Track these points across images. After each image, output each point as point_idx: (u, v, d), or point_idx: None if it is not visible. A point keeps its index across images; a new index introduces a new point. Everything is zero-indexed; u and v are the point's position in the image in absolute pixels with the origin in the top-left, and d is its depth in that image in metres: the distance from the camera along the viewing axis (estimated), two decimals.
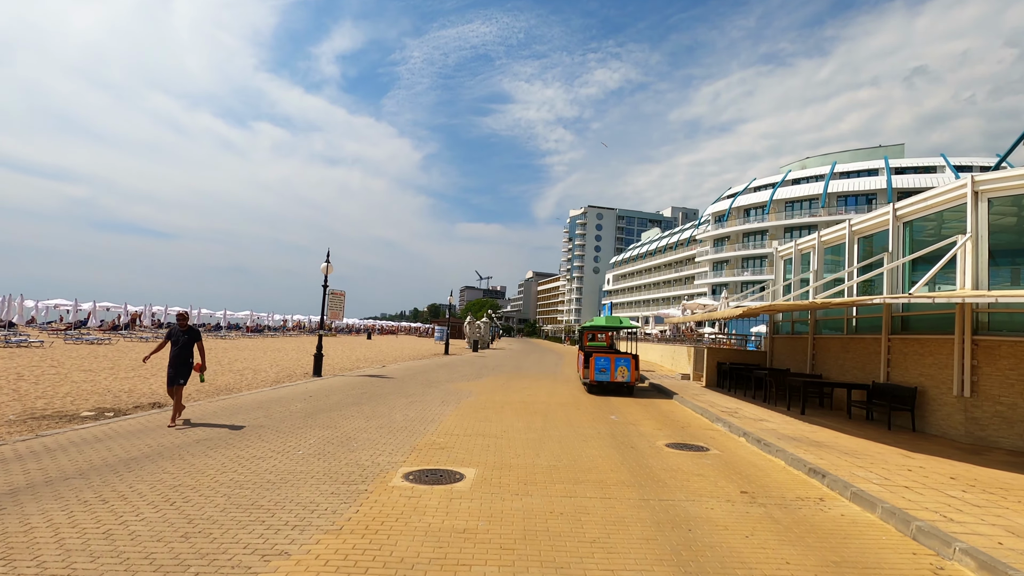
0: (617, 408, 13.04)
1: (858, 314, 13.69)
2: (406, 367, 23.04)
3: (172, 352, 9.19)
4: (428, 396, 13.69)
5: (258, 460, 6.80)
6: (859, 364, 13.08)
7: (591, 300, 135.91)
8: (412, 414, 10.80)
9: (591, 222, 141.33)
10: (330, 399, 12.41)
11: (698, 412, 12.61)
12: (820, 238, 15.53)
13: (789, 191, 65.35)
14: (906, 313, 11.84)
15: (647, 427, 10.48)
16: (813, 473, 6.95)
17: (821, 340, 14.92)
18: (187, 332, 9.35)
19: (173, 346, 9.23)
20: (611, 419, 11.31)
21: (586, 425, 10.42)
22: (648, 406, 13.66)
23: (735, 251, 69.90)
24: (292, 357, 25.93)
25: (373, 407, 11.49)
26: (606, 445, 8.61)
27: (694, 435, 9.81)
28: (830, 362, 14.38)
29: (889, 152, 63.63)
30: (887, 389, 11.41)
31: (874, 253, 13.63)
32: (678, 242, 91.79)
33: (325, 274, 18.59)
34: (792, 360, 16.56)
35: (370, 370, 20.73)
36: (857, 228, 13.74)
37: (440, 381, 17.70)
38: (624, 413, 12.26)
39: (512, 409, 12.11)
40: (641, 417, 11.75)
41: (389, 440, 8.31)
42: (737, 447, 8.86)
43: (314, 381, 16.07)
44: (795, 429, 10.15)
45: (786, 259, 18.13)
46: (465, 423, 10.06)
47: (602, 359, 15.42)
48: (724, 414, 11.70)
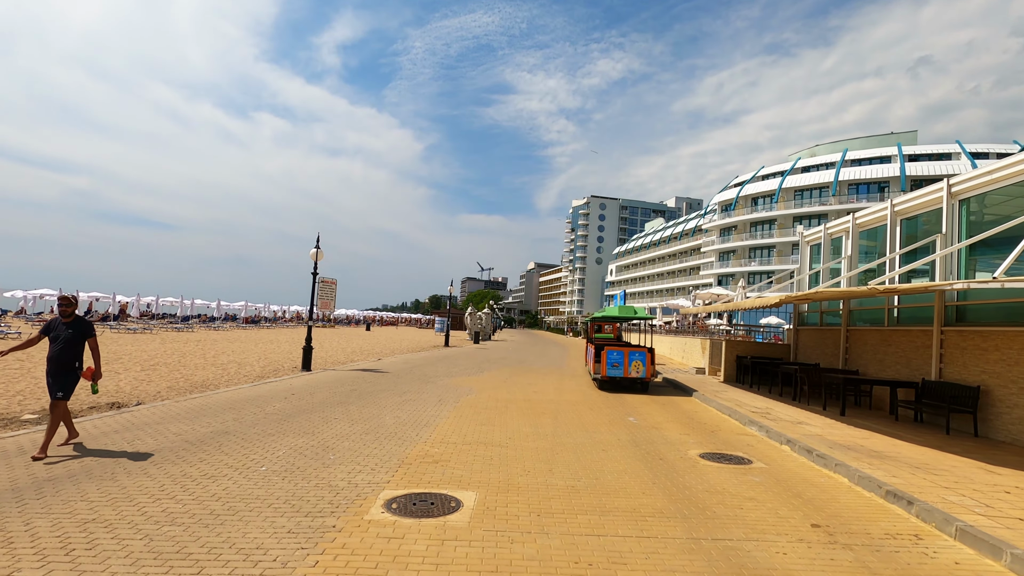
0: (634, 408, 11.73)
1: (900, 303, 12.34)
2: (403, 360, 21.76)
3: (51, 352, 6.57)
4: (424, 394, 12.40)
5: (208, 480, 5.50)
6: (903, 359, 11.73)
7: (594, 291, 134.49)
8: (404, 416, 9.50)
9: (594, 212, 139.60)
10: (314, 397, 11.11)
11: (725, 413, 11.30)
12: (855, 220, 14.14)
13: (798, 179, 63.69)
14: (963, 302, 10.47)
15: (672, 432, 9.17)
16: (893, 498, 5.63)
17: (856, 332, 13.57)
18: (72, 325, 6.68)
19: (52, 344, 6.60)
20: (629, 421, 10.01)
21: (602, 429, 9.11)
22: (667, 405, 12.35)
23: (742, 241, 68.35)
24: (284, 350, 24.66)
25: (361, 407, 10.19)
26: (630, 456, 7.30)
27: (728, 442, 8.49)
28: (867, 356, 13.04)
29: (902, 139, 61.90)
30: (942, 388, 10.07)
31: (919, 237, 12.25)
32: (683, 232, 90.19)
33: (315, 261, 17.25)
34: (821, 354, 15.23)
35: (364, 364, 19.44)
36: (901, 208, 12.34)
37: (438, 376, 16.41)
38: (642, 414, 10.96)
39: (517, 409, 10.81)
40: (662, 419, 10.45)
41: (374, 450, 7.00)
42: (784, 458, 7.54)
43: (301, 376, 14.78)
44: (842, 434, 8.83)
45: (813, 245, 16.74)
46: (464, 427, 8.76)
47: (615, 353, 14.10)
48: (756, 415, 10.39)
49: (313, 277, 17.47)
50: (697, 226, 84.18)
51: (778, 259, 63.45)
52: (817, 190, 61.87)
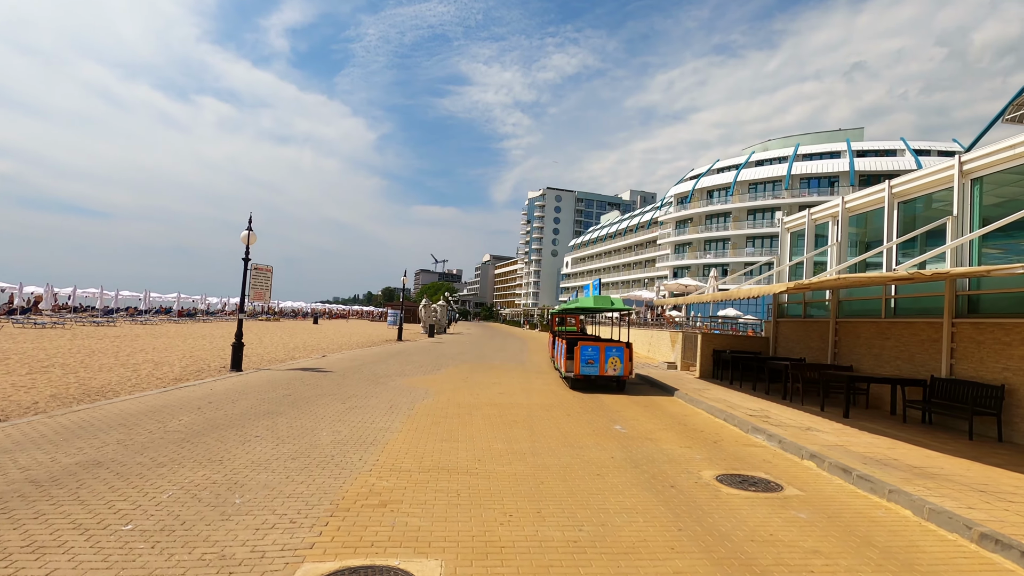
0: (616, 412, 10.28)
1: (898, 293, 11.36)
2: (351, 357, 19.70)
3: None
4: (373, 398, 10.56)
5: (29, 554, 3.60)
6: (904, 354, 10.75)
7: (549, 284, 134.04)
8: (346, 430, 7.68)
9: (550, 204, 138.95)
10: (236, 407, 9.11)
11: (719, 416, 9.99)
12: (845, 205, 13.13)
13: (752, 172, 64.40)
14: (977, 292, 9.49)
15: (670, 443, 7.73)
16: (994, 544, 4.30)
17: (848, 325, 12.58)
18: None
19: None
20: (616, 430, 8.52)
21: (588, 443, 7.58)
22: (651, 408, 10.98)
23: (698, 233, 68.76)
24: (216, 346, 22.07)
25: (293, 419, 8.29)
26: (633, 483, 5.77)
27: (740, 457, 7.11)
28: (859, 351, 12.05)
29: (850, 135, 63.45)
30: (957, 387, 9.06)
31: (918, 222, 11.28)
32: (639, 224, 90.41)
33: (247, 244, 15.00)
34: (805, 348, 14.25)
35: (306, 361, 17.31)
36: (901, 190, 11.33)
37: (390, 375, 14.54)
38: (628, 420, 9.51)
39: (484, 417, 9.16)
40: (652, 426, 9.02)
41: (301, 487, 5.20)
42: (817, 481, 6.18)
43: (227, 378, 12.62)
44: (863, 444, 7.61)
45: (795, 232, 15.76)
46: (421, 444, 7.03)
47: (589, 349, 12.63)
48: (754, 419, 9.12)
49: (245, 263, 15.21)
50: (653, 219, 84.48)
51: (733, 252, 64.10)
52: (770, 184, 62.70)
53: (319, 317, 72.01)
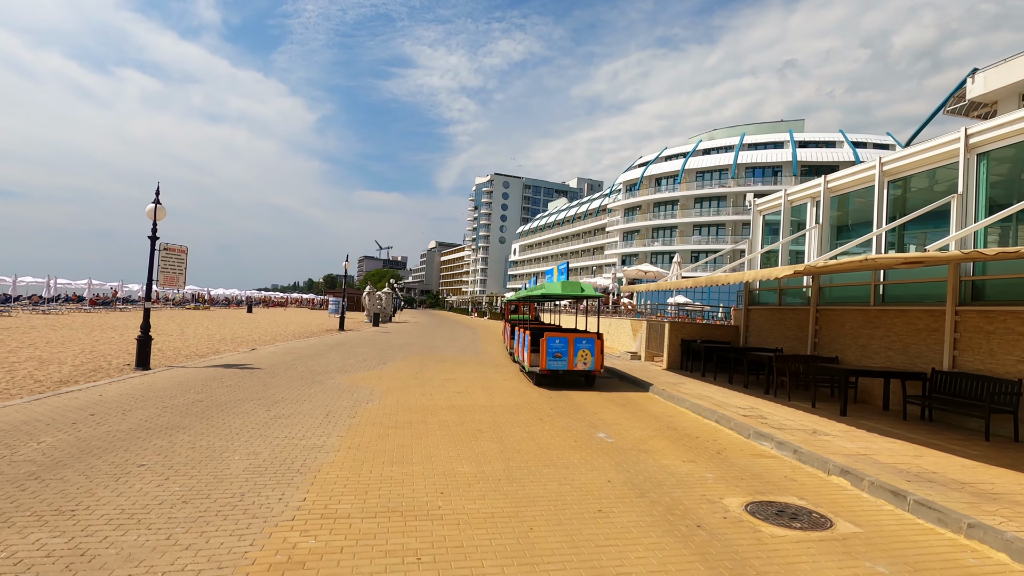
0: (592, 413, 8.96)
1: (887, 279, 10.58)
2: (286, 350, 17.59)
3: None
4: (306, 402, 8.79)
5: None
6: (897, 345, 9.96)
7: (497, 271, 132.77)
8: (267, 452, 5.96)
9: (497, 191, 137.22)
10: (126, 420, 7.16)
11: (707, 416, 8.86)
12: (827, 184, 12.28)
13: (700, 161, 65.03)
14: (982, 277, 8.72)
15: (667, 456, 6.46)
16: None
17: (830, 313, 11.77)
18: None
19: None
20: (600, 439, 7.18)
21: (573, 458, 6.19)
22: (629, 407, 9.74)
23: (647, 221, 69.02)
24: (127, 339, 19.31)
25: (199, 436, 6.47)
26: (649, 523, 4.41)
27: (755, 474, 5.90)
28: (843, 341, 11.26)
29: (792, 127, 65.03)
30: (964, 381, 8.26)
31: (908, 202, 10.51)
32: (587, 212, 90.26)
33: (154, 220, 12.68)
34: (780, 337, 13.44)
35: (232, 356, 15.14)
36: (894, 167, 10.50)
37: (329, 371, 12.69)
38: (608, 423, 8.20)
39: (441, 425, 7.61)
40: (639, 431, 7.74)
41: (186, 554, 3.53)
42: (867, 509, 5.01)
43: (126, 380, 10.47)
44: (888, 452, 6.59)
45: (768, 215, 14.91)
46: (364, 471, 5.43)
47: (557, 341, 11.27)
48: (750, 420, 8.02)
49: (151, 242, 12.88)
50: (601, 206, 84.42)
51: (680, 239, 64.69)
52: (717, 172, 63.50)
53: (254, 305, 67.84)
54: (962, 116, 31.95)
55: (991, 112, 30.32)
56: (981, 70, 29.40)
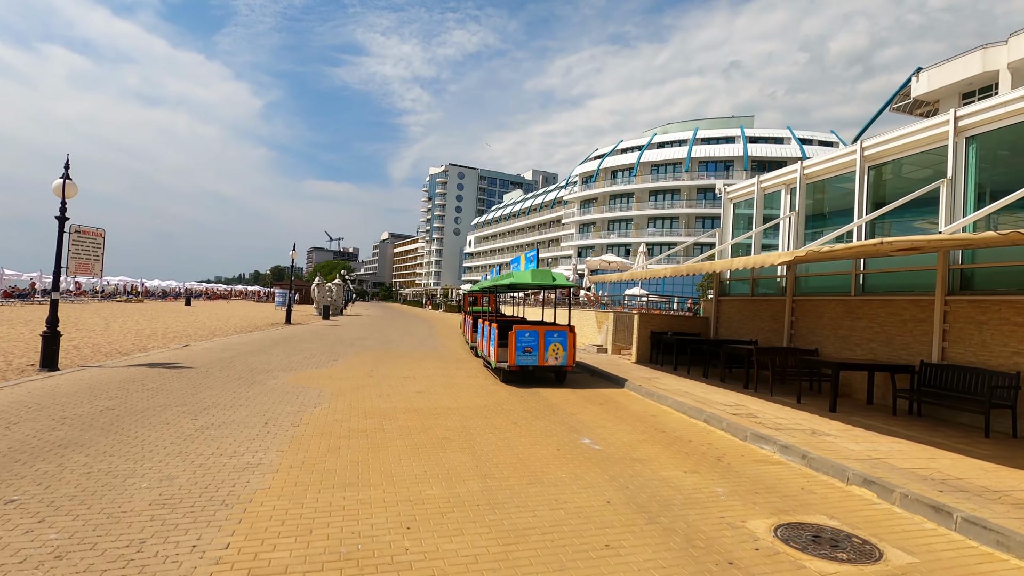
0: (570, 414, 8.11)
1: (867, 267, 10.20)
2: (224, 346, 15.99)
3: None
4: (242, 408, 7.55)
5: None
6: (881, 336, 9.57)
7: (452, 262, 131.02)
8: (185, 475, 4.79)
9: (452, 181, 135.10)
10: (8, 436, 5.78)
11: (694, 416, 8.17)
12: (803, 171, 11.85)
13: (655, 154, 65.49)
14: (971, 265, 8.36)
15: (665, 465, 5.67)
16: None
17: (808, 303, 11.36)
18: None
19: None
20: (586, 446, 6.34)
21: (560, 471, 5.31)
22: (607, 405, 8.96)
23: (603, 213, 69.11)
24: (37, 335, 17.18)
25: (98, 456, 5.21)
26: (671, 560, 3.56)
27: (768, 486, 5.18)
28: (823, 332, 10.85)
29: (743, 122, 66.35)
30: (956, 374, 7.87)
31: (888, 188, 10.15)
32: (543, 203, 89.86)
33: (62, 198, 10.96)
34: (753, 329, 13.01)
35: (161, 353, 13.51)
36: (877, 152, 10.08)
37: (272, 369, 11.38)
38: (591, 426, 7.37)
39: (402, 433, 6.58)
40: (625, 434, 6.94)
41: None
42: (909, 531, 4.32)
43: (24, 383, 8.89)
44: (901, 455, 6.02)
45: (740, 202, 14.46)
46: (309, 499, 4.37)
47: (527, 334, 10.38)
48: (740, 419, 7.37)
49: (60, 223, 11.15)
50: (557, 198, 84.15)
51: (635, 232, 65.09)
52: (671, 166, 64.11)
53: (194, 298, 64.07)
54: (906, 114, 32.95)
55: (933, 111, 31.35)
56: (925, 69, 30.23)
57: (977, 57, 26.77)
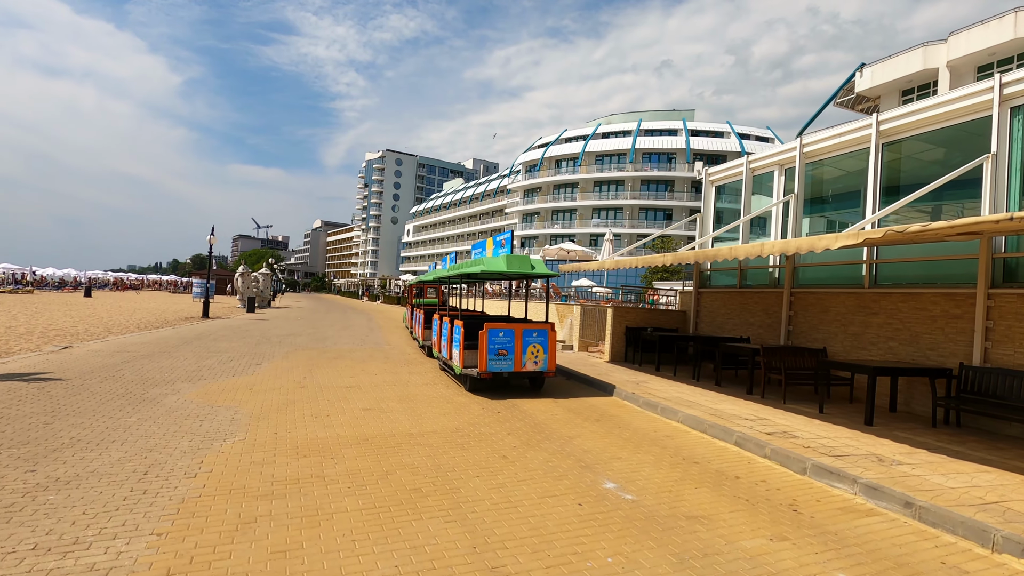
0: (567, 438, 6.37)
1: (880, 256, 9.07)
2: (119, 347, 13.14)
3: None
4: (114, 446, 5.30)
5: None
6: (903, 334, 8.44)
7: (389, 252, 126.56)
8: None
9: (389, 168, 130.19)
10: None
11: (720, 437, 6.63)
12: (803, 148, 10.63)
13: (600, 144, 64.90)
14: (1017, 254, 7.28)
15: (736, 525, 4.03)
16: None
17: (809, 297, 10.16)
18: None
19: None
20: (611, 493, 4.62)
21: (600, 549, 3.54)
22: (606, 422, 7.29)
23: (547, 203, 67.95)
24: None
25: None
26: None
27: (892, 558, 3.64)
28: (829, 329, 9.67)
29: (685, 115, 66.96)
30: (1010, 379, 6.75)
31: (904, 169, 9.03)
32: (485, 192, 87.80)
33: None
34: (742, 324, 11.77)
35: (25, 360, 10.64)
36: (894, 126, 8.91)
37: (173, 379, 8.95)
38: (602, 458, 5.66)
39: (352, 484, 4.60)
40: (651, 469, 5.27)
41: None
42: None
43: None
44: (1003, 489, 4.69)
45: (725, 185, 13.17)
46: None
47: (501, 334, 8.54)
48: (784, 442, 5.91)
49: None
50: (500, 187, 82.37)
51: (580, 223, 64.42)
52: (616, 156, 63.75)
53: (97, 288, 57.81)
54: (848, 109, 33.39)
55: (875, 107, 31.84)
56: (868, 65, 30.52)
57: (918, 54, 27.06)
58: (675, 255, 8.88)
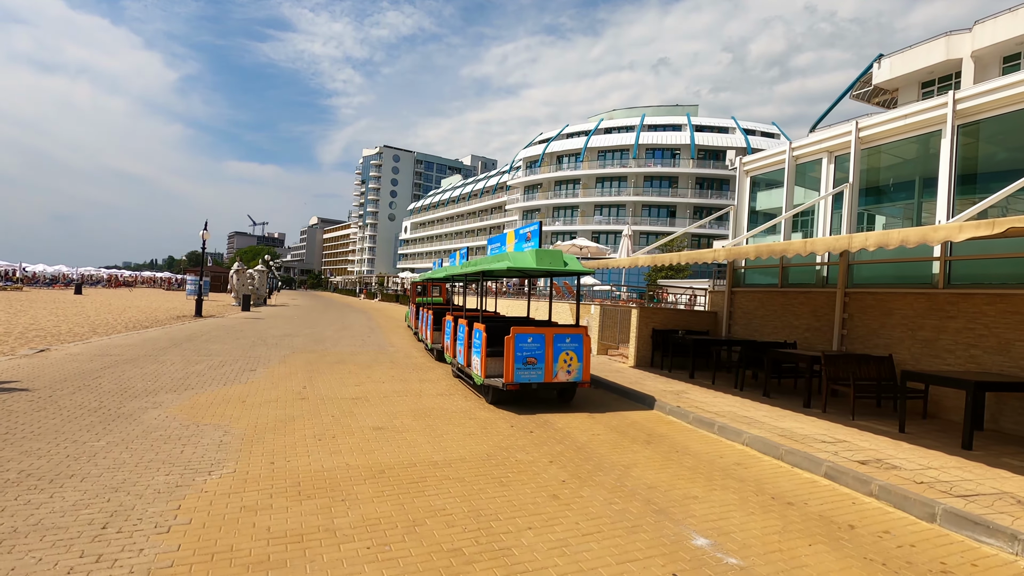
0: (620, 467, 5.33)
1: (953, 254, 8.05)
2: (99, 350, 12.04)
3: None
4: (72, 484, 4.23)
5: None
6: (989, 341, 7.41)
7: (386, 249, 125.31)
8: None
9: (387, 164, 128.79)
10: None
11: (801, 466, 5.59)
12: (859, 133, 9.59)
13: (602, 140, 63.79)
14: None
15: None
16: None
17: (868, 298, 9.13)
18: None
19: None
20: (704, 553, 3.58)
21: None
22: (657, 445, 6.25)
23: (548, 199, 66.83)
24: None
25: None
26: None
27: None
28: (893, 334, 8.64)
29: (689, 111, 65.87)
30: None
31: (982, 155, 8.00)
32: (484, 189, 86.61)
33: None
34: (783, 326, 10.74)
35: None
36: (973, 105, 7.88)
37: (154, 390, 7.87)
38: (671, 496, 4.62)
39: (370, 541, 3.54)
40: (742, 518, 4.24)
41: None
42: None
43: None
44: None
45: (762, 176, 12.12)
46: None
47: (530, 339, 7.49)
48: (881, 473, 4.89)
49: None
50: (500, 183, 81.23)
51: (582, 219, 63.35)
52: (619, 152, 62.63)
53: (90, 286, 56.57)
54: (865, 102, 32.36)
55: (892, 100, 30.80)
56: (887, 56, 29.46)
57: (941, 44, 25.99)
58: (728, 251, 7.84)
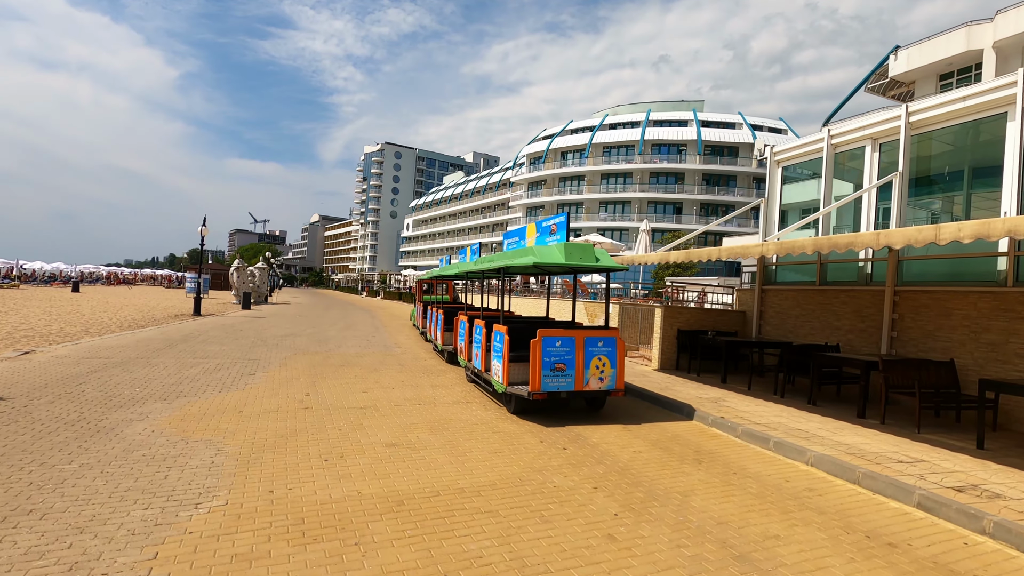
0: (677, 495, 4.58)
1: (1019, 249, 7.28)
2: (89, 351, 11.31)
3: None
4: (29, 524, 3.49)
5: None
6: None
7: (388, 247, 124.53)
8: None
9: (388, 161, 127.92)
10: None
11: (884, 493, 4.84)
12: (909, 118, 8.81)
13: (607, 136, 62.91)
14: None
15: None
16: None
17: (922, 296, 8.35)
18: None
19: None
20: None
21: None
22: (712, 466, 5.50)
23: (552, 196, 65.99)
24: None
25: None
26: None
27: None
28: (953, 337, 7.87)
29: (695, 106, 64.99)
30: None
31: None
32: (487, 186, 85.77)
33: None
34: (821, 327, 9.97)
35: None
36: None
37: (142, 398, 7.13)
38: (744, 535, 3.87)
39: None
40: (842, 566, 3.49)
41: None
42: None
43: None
44: None
45: (796, 165, 11.34)
46: None
47: (559, 343, 6.73)
48: (984, 505, 4.15)
49: None
50: (503, 180, 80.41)
51: (586, 216, 62.50)
52: (624, 148, 61.76)
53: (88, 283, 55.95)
54: (880, 95, 31.47)
55: (909, 93, 29.92)
56: (904, 48, 28.57)
57: (961, 35, 25.12)
58: (779, 244, 7.07)
